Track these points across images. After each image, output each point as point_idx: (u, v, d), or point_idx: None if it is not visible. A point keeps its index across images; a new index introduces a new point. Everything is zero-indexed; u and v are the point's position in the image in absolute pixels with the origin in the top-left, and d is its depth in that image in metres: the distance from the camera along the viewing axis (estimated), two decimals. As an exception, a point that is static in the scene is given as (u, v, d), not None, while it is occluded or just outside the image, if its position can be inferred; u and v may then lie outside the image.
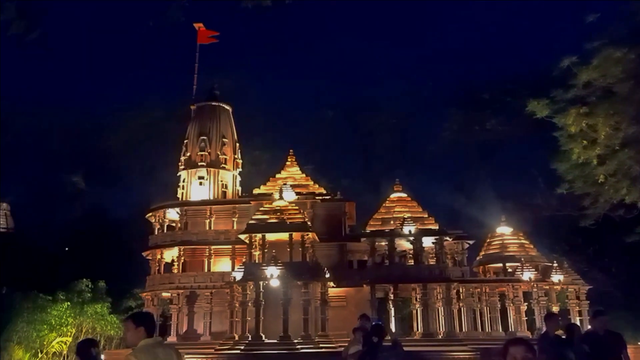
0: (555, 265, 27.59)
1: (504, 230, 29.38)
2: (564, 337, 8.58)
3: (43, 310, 26.90)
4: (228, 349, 22.74)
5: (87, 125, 48.19)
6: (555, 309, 27.30)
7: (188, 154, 31.12)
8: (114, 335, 29.75)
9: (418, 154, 51.48)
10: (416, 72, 69.89)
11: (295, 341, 22.64)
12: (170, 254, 29.57)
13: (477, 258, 29.75)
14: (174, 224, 30.89)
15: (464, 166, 50.22)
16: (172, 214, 30.43)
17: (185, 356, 21.77)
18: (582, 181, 27.35)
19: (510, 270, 28.24)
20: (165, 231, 29.85)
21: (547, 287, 26.73)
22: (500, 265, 28.66)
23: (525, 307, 26.98)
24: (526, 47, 65.09)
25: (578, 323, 27.34)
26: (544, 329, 8.74)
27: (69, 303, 27.68)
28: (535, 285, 26.39)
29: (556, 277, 27.02)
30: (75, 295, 28.41)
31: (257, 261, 24.98)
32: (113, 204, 39.92)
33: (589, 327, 9.06)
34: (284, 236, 24.90)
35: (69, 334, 27.87)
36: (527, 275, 26.33)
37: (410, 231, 26.10)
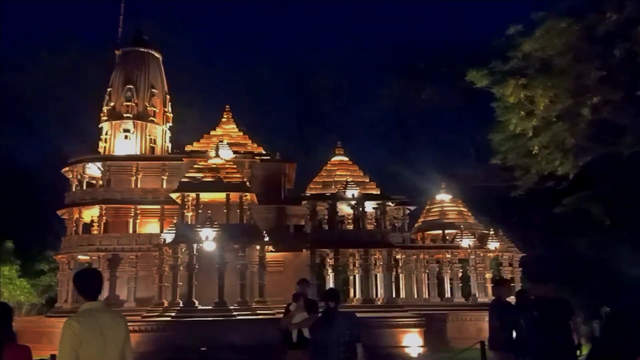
0: (492, 232, 27.81)
1: (444, 197, 29.21)
2: (513, 303, 8.63)
3: None
4: (157, 316, 20.86)
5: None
6: (488, 275, 27.70)
7: (112, 104, 28.09)
8: (23, 300, 26.74)
9: (356, 119, 50.60)
10: (356, 37, 68.38)
11: (231, 307, 21.15)
12: (89, 214, 26.82)
13: (416, 224, 29.47)
14: (94, 182, 28.02)
15: (401, 134, 50.04)
16: (93, 169, 27.52)
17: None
18: (515, 153, 27.58)
19: (447, 238, 28.23)
20: (84, 188, 26.91)
21: (484, 254, 26.91)
22: (439, 232, 28.55)
23: (461, 274, 27.09)
24: (464, 16, 65.55)
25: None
26: (497, 294, 8.54)
27: (-33, 265, 24.39)
28: (473, 252, 26.45)
29: (492, 245, 27.26)
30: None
31: (190, 222, 23.01)
32: (24, 154, 35.63)
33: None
34: (219, 197, 23.03)
35: (-32, 299, 24.66)
36: (466, 242, 26.32)
37: (353, 195, 25.11)
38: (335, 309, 6.62)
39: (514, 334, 7.96)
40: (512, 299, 9.09)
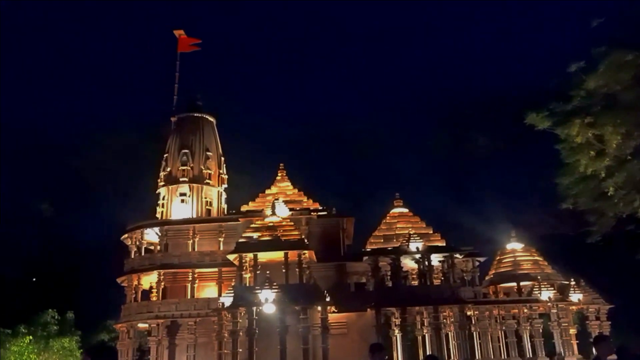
0: (573, 283, 25.36)
1: (515, 246, 27.13)
2: None
3: (1, 346, 23.39)
4: (217, 387, 19.70)
5: (56, 147, 44.93)
6: (572, 331, 25.03)
7: (168, 169, 28.33)
8: (83, 373, 26.29)
9: (408, 171, 49.44)
10: (399, 87, 68.47)
11: (295, 375, 19.73)
12: (148, 280, 26.50)
13: (487, 277, 27.32)
14: (152, 247, 27.90)
15: (458, 184, 48.31)
16: (151, 235, 27.46)
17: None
18: (587, 196, 25.55)
19: (523, 290, 25.93)
20: (143, 254, 26.77)
21: (567, 307, 24.40)
22: (512, 284, 26.31)
23: (541, 330, 24.57)
24: (512, 62, 64.46)
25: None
26: (597, 353, 7.62)
27: (31, 337, 24.22)
28: (554, 306, 24.03)
29: (575, 296, 24.77)
30: (39, 328, 24.97)
31: (248, 284, 22.15)
32: (84, 230, 36.53)
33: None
34: (278, 256, 22.17)
35: (32, 372, 24.34)
36: (546, 294, 24.00)
37: (417, 248, 23.66)
38: None
39: None
40: (613, 357, 7.85)
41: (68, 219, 40.57)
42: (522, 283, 25.82)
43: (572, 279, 25.62)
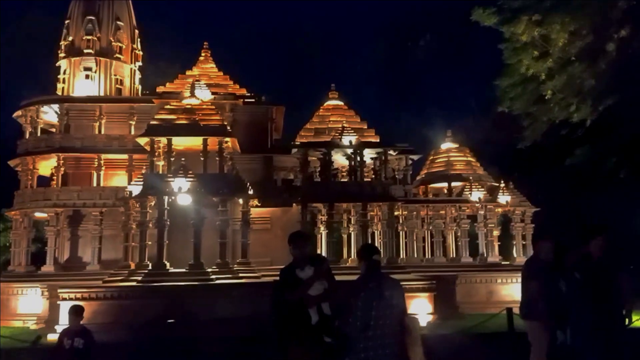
0: (502, 185, 24.90)
1: (450, 146, 26.12)
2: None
3: None
4: (121, 280, 17.78)
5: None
6: (496, 233, 24.97)
7: (70, 39, 24.21)
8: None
9: (348, 71, 47.00)
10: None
11: (209, 270, 18.11)
12: (46, 165, 23.37)
13: (418, 177, 26.44)
14: (53, 129, 24.44)
15: (399, 84, 46.61)
16: (51, 115, 23.91)
17: (66, 290, 16.61)
18: (524, 99, 24.59)
19: (454, 191, 25.35)
20: (39, 135, 23.34)
21: (494, 208, 24.08)
22: (443, 185, 25.62)
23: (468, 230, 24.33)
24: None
25: (521, 248, 25.31)
26: (536, 252, 7.02)
27: None
28: (483, 207, 23.58)
29: (503, 199, 24.39)
30: None
31: (161, 173, 19.72)
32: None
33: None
34: (195, 143, 19.67)
35: None
36: (476, 195, 23.42)
37: (350, 142, 21.91)
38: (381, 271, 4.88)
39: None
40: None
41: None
42: (453, 184, 25.15)
43: (502, 181, 25.15)
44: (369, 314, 4.55)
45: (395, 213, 22.53)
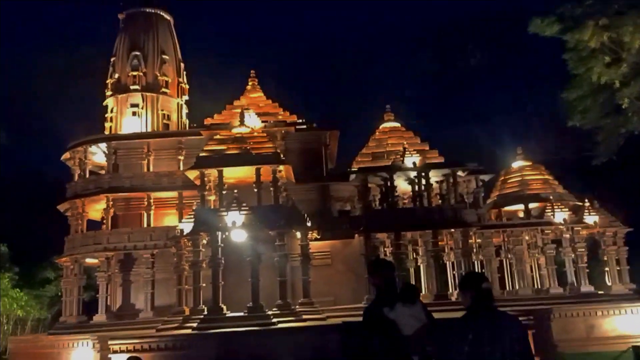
0: (587, 204, 22.17)
1: (522, 164, 23.69)
2: None
3: None
4: (176, 328, 16.18)
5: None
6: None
7: (117, 76, 23.69)
8: (22, 315, 22.46)
9: (396, 89, 45.33)
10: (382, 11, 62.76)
11: (270, 312, 16.28)
12: (96, 208, 22.46)
13: (489, 200, 24.00)
14: (102, 171, 23.68)
15: (448, 101, 44.53)
16: (99, 155, 23.20)
17: (117, 342, 15.13)
18: (597, 110, 22.05)
19: (530, 213, 22.77)
20: (88, 177, 22.57)
21: (581, 230, 21.31)
22: (518, 207, 23.07)
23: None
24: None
25: (616, 274, 22.31)
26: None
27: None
28: (569, 229, 20.88)
29: (590, 219, 21.65)
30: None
31: (212, 207, 18.31)
32: (26, 153, 31.77)
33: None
34: (247, 174, 18.26)
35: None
36: (560, 216, 20.79)
37: (414, 164, 19.97)
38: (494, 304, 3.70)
39: None
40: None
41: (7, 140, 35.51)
42: (530, 205, 22.59)
43: (586, 200, 22.42)
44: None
45: (469, 240, 20.26)
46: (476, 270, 20.37)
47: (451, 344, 3.64)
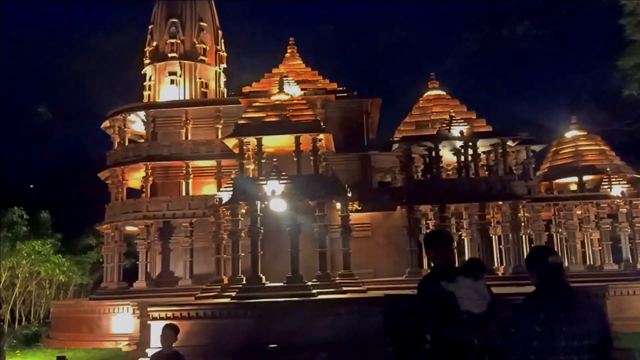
0: (646, 177, 20.77)
1: (577, 133, 22.32)
2: None
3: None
4: (214, 297, 16.00)
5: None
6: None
7: (154, 44, 23.35)
8: (64, 280, 22.85)
9: (442, 58, 43.75)
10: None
11: (309, 283, 15.89)
12: (135, 176, 22.44)
13: (539, 172, 22.81)
14: (141, 140, 23.60)
15: (496, 74, 42.72)
16: (138, 124, 23.10)
17: (156, 309, 15.08)
18: None
19: (585, 186, 21.52)
20: (127, 145, 22.50)
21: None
22: (571, 179, 21.85)
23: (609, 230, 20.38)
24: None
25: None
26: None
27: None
28: (627, 203, 19.60)
29: (651, 193, 20.25)
30: (3, 228, 21.21)
31: (251, 176, 17.91)
32: (69, 125, 32.14)
33: None
34: (287, 142, 17.69)
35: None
36: (618, 189, 19.51)
37: (461, 132, 18.99)
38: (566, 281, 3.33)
39: None
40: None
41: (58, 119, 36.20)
42: (584, 177, 21.32)
43: (645, 172, 21.01)
44: (554, 346, 3.08)
45: (518, 214, 19.26)
46: (530, 245, 19.48)
47: (519, 325, 3.21)
